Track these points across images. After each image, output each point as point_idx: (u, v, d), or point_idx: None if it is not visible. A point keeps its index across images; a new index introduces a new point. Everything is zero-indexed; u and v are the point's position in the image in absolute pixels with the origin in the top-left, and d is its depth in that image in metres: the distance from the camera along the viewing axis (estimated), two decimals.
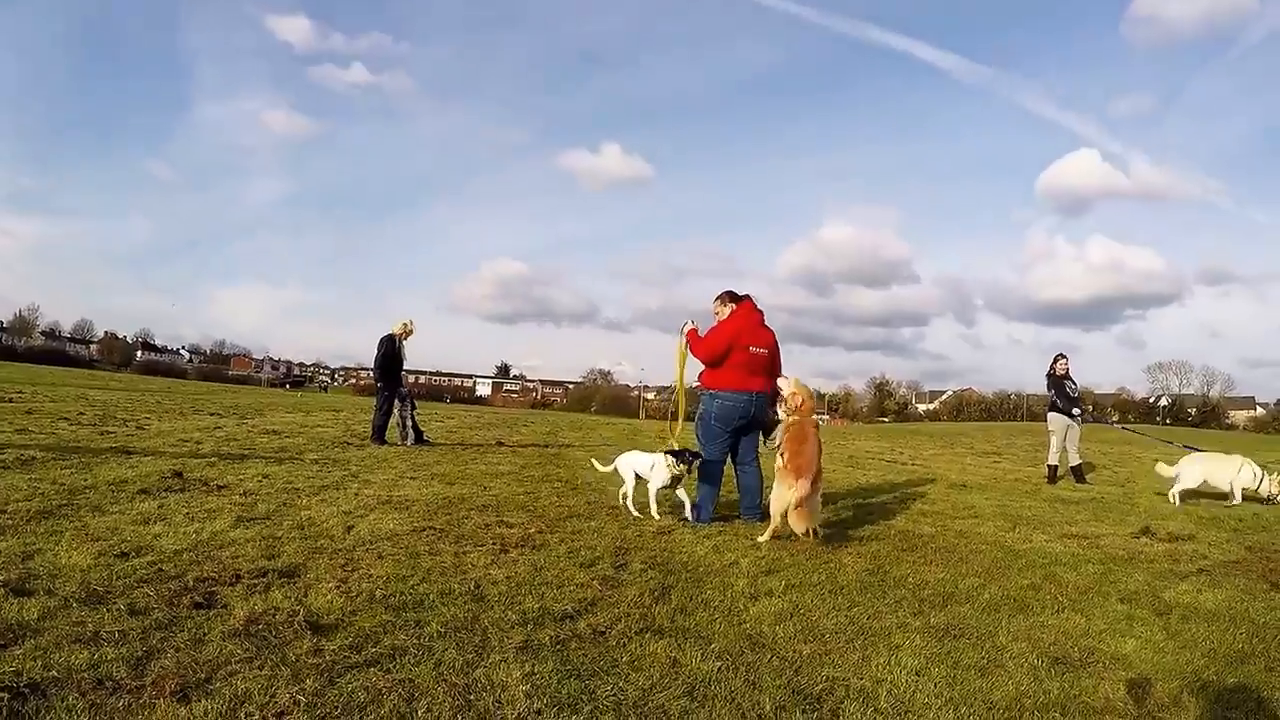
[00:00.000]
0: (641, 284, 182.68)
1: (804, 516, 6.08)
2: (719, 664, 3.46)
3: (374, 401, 13.24)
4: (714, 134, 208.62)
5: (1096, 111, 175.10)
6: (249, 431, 13.09)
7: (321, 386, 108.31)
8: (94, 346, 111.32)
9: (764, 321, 7.11)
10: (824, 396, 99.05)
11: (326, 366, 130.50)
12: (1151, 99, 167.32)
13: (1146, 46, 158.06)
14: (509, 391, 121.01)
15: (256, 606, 3.78)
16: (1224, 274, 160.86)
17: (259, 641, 3.36)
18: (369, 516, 6.15)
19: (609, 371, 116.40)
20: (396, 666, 3.21)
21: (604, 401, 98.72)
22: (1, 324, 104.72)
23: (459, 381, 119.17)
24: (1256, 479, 9.94)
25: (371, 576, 4.46)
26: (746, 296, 7.17)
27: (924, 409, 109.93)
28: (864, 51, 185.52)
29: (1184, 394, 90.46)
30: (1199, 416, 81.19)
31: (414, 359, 12.94)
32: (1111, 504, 9.55)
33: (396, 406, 12.76)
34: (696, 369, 7.19)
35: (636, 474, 6.96)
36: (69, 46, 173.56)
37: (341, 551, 5.02)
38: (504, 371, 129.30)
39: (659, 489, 6.79)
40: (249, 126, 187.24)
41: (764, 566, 5.30)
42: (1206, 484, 10.22)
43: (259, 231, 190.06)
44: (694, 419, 7.29)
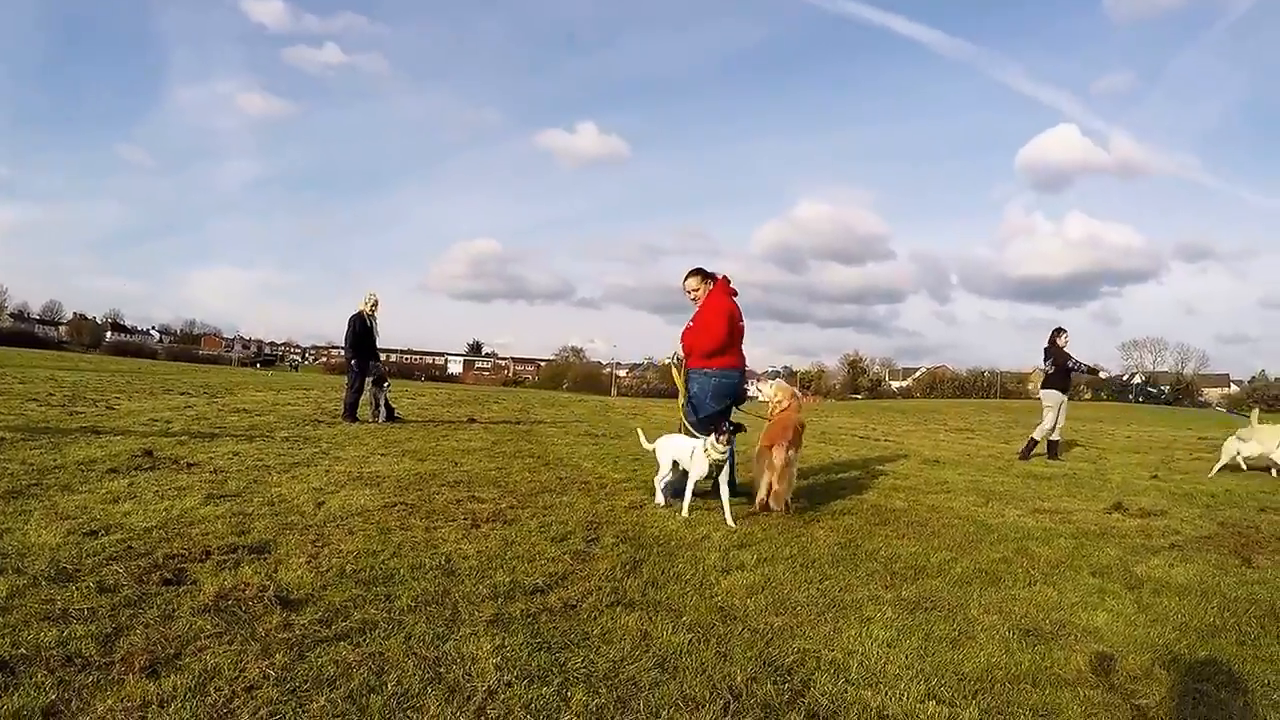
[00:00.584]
0: (615, 262, 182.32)
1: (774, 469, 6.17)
2: (690, 636, 3.46)
3: (344, 379, 13.19)
4: (690, 112, 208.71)
5: (1077, 87, 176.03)
6: (219, 410, 12.97)
7: (292, 365, 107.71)
8: (63, 328, 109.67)
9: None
10: (796, 374, 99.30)
11: (298, 346, 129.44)
12: (1133, 75, 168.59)
13: (1129, 23, 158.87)
14: (481, 369, 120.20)
15: (226, 582, 3.76)
16: (1202, 250, 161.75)
17: (228, 617, 3.35)
18: (340, 493, 6.13)
19: (581, 349, 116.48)
20: (366, 640, 3.20)
21: (576, 379, 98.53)
22: None
23: (431, 359, 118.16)
24: None
25: (342, 552, 4.44)
26: (720, 275, 7.14)
27: (897, 386, 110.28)
28: (842, 27, 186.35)
29: (1158, 371, 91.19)
30: (1172, 394, 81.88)
31: (386, 338, 12.77)
32: (1084, 480, 9.61)
33: (368, 384, 12.70)
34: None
35: (675, 461, 6.50)
36: (41, 30, 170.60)
37: (312, 527, 4.99)
38: (476, 349, 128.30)
39: (698, 480, 6.20)
40: (223, 109, 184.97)
41: (736, 540, 5.32)
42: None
43: (232, 213, 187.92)
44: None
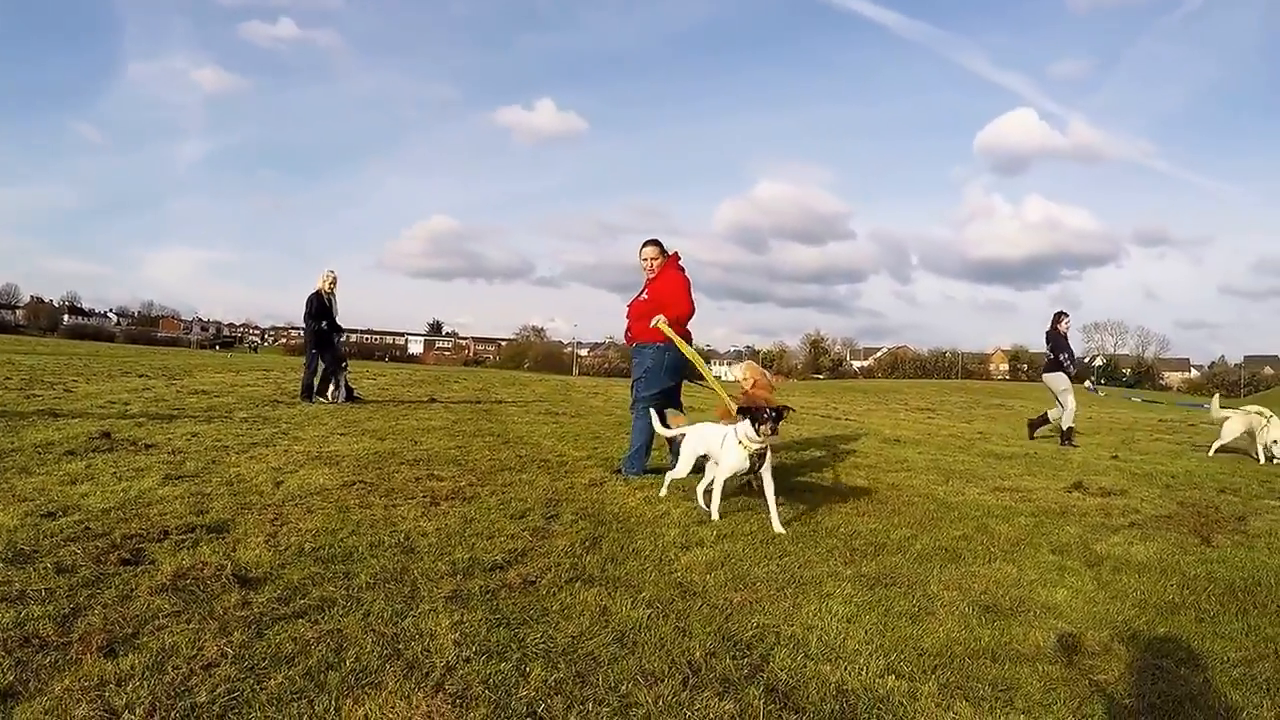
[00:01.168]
0: (575, 240, 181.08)
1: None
2: (649, 612, 3.47)
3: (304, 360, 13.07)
4: (649, 89, 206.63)
5: (1035, 72, 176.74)
6: (178, 392, 12.78)
7: (251, 347, 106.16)
8: (19, 311, 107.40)
9: None
10: (758, 353, 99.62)
11: (256, 327, 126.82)
12: (1091, 61, 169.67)
13: (1088, 9, 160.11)
14: (442, 349, 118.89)
15: (184, 562, 3.74)
16: (1160, 236, 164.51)
17: (186, 596, 3.33)
18: (299, 472, 6.09)
19: (542, 328, 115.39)
20: (325, 618, 3.19)
21: (537, 358, 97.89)
22: None
23: (391, 339, 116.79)
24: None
25: (300, 530, 4.43)
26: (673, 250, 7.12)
27: (859, 366, 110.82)
28: (801, 6, 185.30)
29: (1119, 354, 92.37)
30: (1133, 377, 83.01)
31: (346, 318, 12.62)
32: (1045, 459, 9.68)
33: (323, 364, 12.57)
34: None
35: (701, 456, 5.90)
36: None
37: (270, 506, 4.96)
38: (436, 329, 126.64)
39: (731, 475, 5.49)
40: (177, 85, 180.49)
41: (696, 517, 5.34)
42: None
43: (188, 191, 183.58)
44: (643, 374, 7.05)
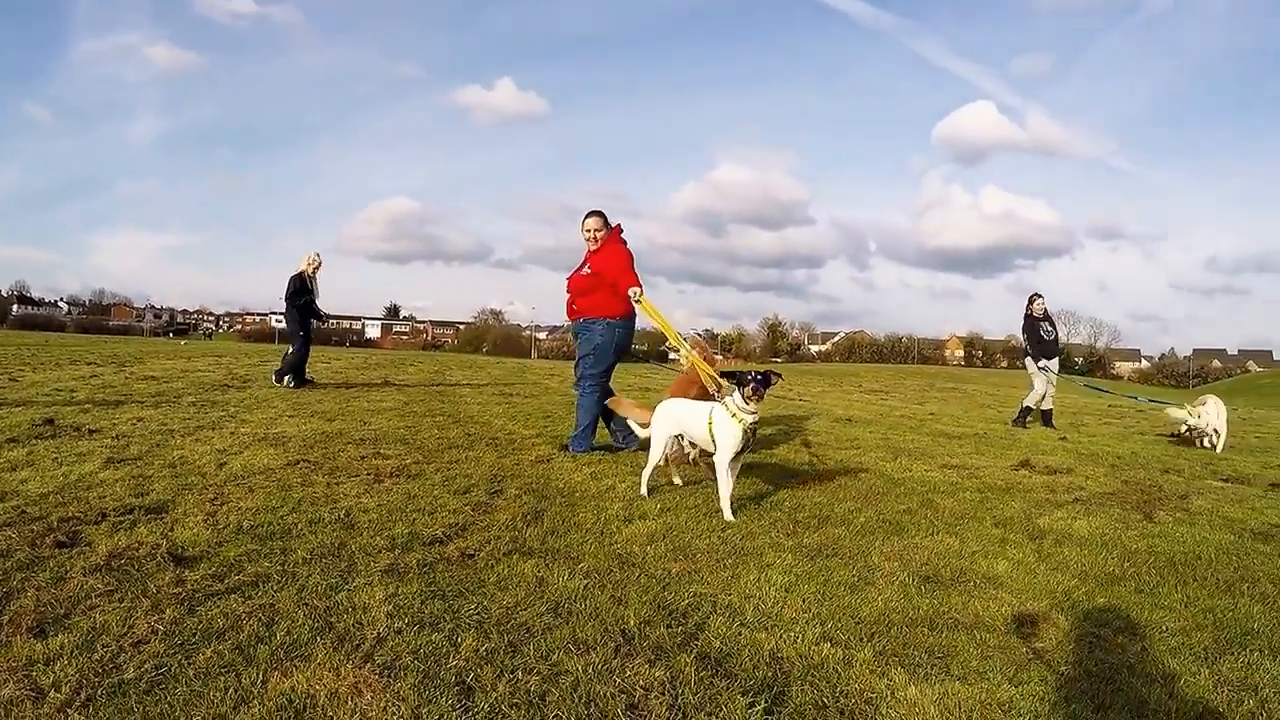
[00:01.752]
0: (534, 223, 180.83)
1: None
2: (586, 582, 3.50)
3: (257, 346, 12.83)
4: (610, 72, 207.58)
5: (997, 66, 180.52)
6: (127, 379, 12.51)
7: (205, 334, 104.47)
8: None
9: None
10: (717, 337, 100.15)
11: (211, 313, 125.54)
12: (1052, 58, 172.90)
13: (1050, 7, 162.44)
14: (400, 333, 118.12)
15: (120, 542, 3.72)
16: (1114, 230, 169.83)
17: (121, 576, 3.32)
18: (243, 453, 6.03)
19: (501, 311, 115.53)
20: (258, 593, 3.19)
21: (495, 341, 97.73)
22: None
23: (348, 324, 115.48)
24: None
25: (241, 509, 4.40)
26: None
27: (816, 350, 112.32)
28: None
29: (1071, 343, 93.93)
30: (1086, 365, 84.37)
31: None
32: (994, 439, 9.80)
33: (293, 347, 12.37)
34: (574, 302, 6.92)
35: (679, 436, 5.44)
36: None
37: (212, 487, 4.92)
38: (393, 313, 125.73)
39: (732, 454, 4.94)
40: (130, 61, 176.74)
41: (640, 491, 5.35)
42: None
43: (140, 173, 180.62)
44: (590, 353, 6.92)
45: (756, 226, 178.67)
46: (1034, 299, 12.53)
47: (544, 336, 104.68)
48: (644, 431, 5.75)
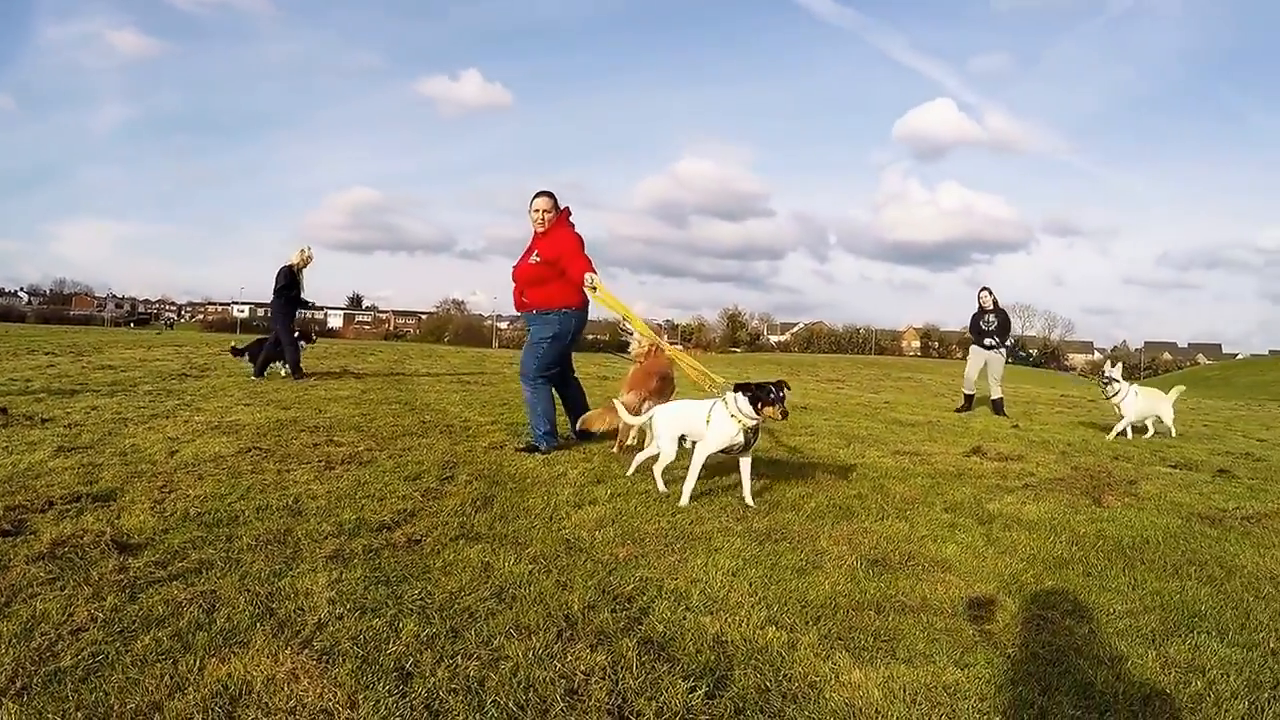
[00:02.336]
0: (497, 213, 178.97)
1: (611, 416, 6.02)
2: (531, 567, 3.52)
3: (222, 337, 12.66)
4: (575, 63, 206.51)
5: (957, 64, 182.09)
6: (84, 368, 12.32)
7: (167, 324, 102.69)
8: None
9: None
10: (677, 327, 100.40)
11: (173, 303, 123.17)
12: (1011, 57, 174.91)
13: (1010, 8, 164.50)
14: (362, 323, 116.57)
15: (65, 530, 3.70)
16: (1069, 226, 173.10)
17: (63, 564, 3.31)
18: (195, 441, 5.99)
19: (463, 301, 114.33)
20: (200, 580, 3.18)
21: (457, 331, 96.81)
22: None
23: (309, 314, 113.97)
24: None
25: (189, 496, 4.39)
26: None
27: (775, 340, 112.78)
28: None
29: (1026, 335, 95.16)
30: (1040, 357, 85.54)
31: (262, 294, 12.26)
32: (946, 427, 9.89)
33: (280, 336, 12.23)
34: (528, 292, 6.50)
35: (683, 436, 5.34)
36: None
37: (161, 475, 4.89)
38: (356, 303, 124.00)
39: (715, 451, 4.99)
40: (93, 48, 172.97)
41: (592, 477, 5.39)
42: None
43: (103, 161, 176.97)
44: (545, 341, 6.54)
45: (718, 218, 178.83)
46: (981, 292, 13.13)
47: (505, 326, 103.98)
48: (635, 419, 5.78)
